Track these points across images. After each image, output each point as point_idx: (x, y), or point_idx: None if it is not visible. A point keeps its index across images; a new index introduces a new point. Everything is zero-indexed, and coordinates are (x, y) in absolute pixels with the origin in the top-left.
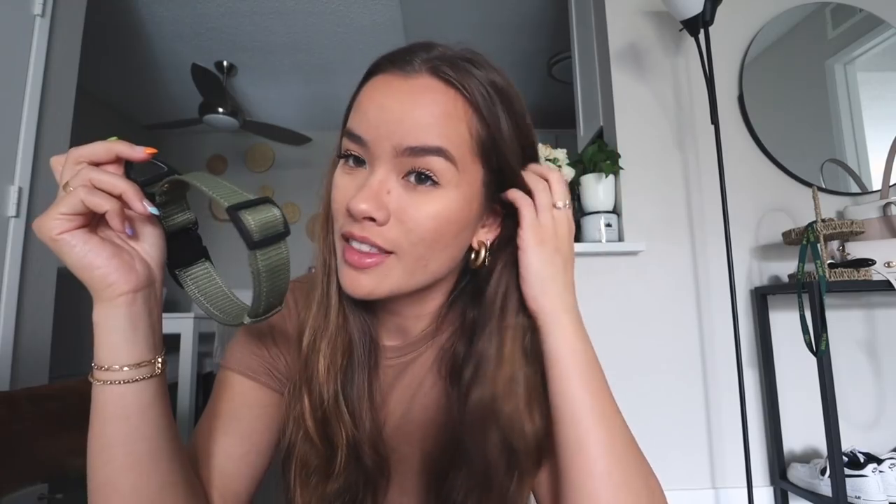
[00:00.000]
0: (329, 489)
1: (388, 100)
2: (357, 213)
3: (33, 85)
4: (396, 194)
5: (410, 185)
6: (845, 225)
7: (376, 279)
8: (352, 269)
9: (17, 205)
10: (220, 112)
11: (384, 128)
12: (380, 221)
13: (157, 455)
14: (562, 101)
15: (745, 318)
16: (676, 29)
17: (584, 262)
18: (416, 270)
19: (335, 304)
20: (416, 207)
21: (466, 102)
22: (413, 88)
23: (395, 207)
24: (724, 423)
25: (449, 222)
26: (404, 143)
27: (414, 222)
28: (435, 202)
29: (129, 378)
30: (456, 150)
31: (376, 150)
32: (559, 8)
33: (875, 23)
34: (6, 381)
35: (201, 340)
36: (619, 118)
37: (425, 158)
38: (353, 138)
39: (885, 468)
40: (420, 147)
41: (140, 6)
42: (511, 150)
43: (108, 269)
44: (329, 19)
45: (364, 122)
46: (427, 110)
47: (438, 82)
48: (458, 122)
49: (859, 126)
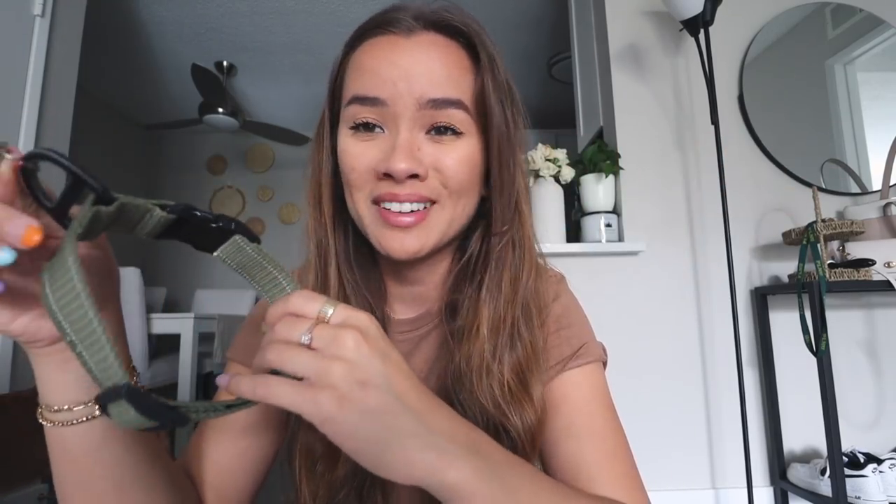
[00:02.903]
0: (336, 475)
1: (399, 57)
2: (401, 174)
3: (33, 85)
4: (427, 149)
5: (435, 139)
6: (845, 225)
7: (423, 235)
8: (396, 231)
9: None
10: (220, 112)
11: (404, 83)
12: (422, 176)
13: (122, 489)
14: (562, 101)
15: (744, 318)
16: (676, 29)
17: (584, 262)
18: (455, 217)
19: (334, 285)
20: (448, 156)
21: (469, 55)
22: (420, 44)
23: (430, 161)
24: (724, 423)
25: (475, 165)
26: (427, 96)
27: (451, 170)
28: (460, 149)
29: (68, 420)
30: (469, 101)
31: (397, 106)
32: (559, 8)
33: (875, 23)
34: (6, 381)
35: (201, 340)
36: (619, 118)
37: (447, 111)
38: (367, 101)
39: (885, 468)
40: (442, 99)
41: (140, 6)
42: (503, 95)
43: (15, 330)
44: (329, 19)
45: (378, 82)
46: (441, 63)
47: (440, 37)
48: (468, 74)
49: (859, 126)
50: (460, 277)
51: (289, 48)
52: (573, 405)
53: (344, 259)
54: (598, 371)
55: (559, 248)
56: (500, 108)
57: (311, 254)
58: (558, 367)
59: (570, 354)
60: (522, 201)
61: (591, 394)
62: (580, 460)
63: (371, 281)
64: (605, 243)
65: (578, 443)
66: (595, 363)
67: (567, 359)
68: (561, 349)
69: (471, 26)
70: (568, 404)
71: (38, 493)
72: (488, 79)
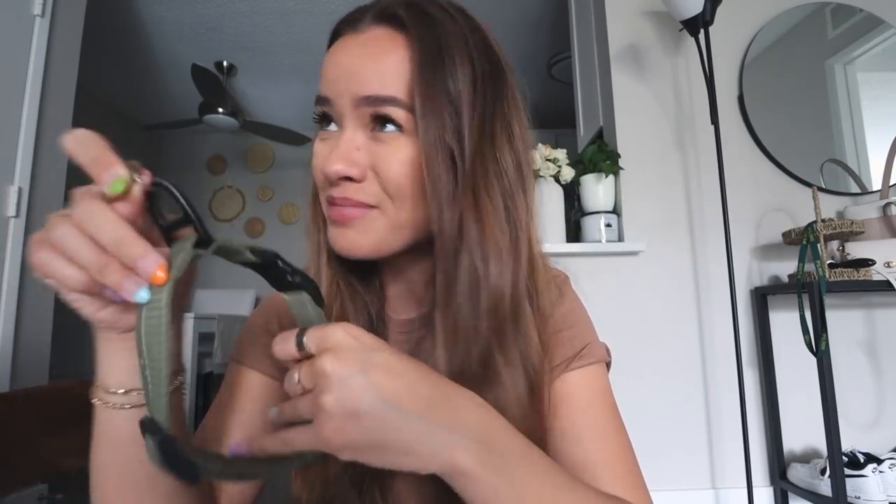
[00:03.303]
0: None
1: (343, 57)
2: (332, 175)
3: (33, 85)
4: (367, 149)
5: (378, 137)
6: (845, 225)
7: (360, 231)
8: (337, 227)
9: (16, 205)
10: (220, 112)
11: (342, 82)
12: (356, 178)
13: (155, 479)
14: (562, 101)
15: (744, 318)
16: (676, 29)
17: (585, 263)
18: (400, 224)
19: (328, 285)
20: (388, 157)
21: (414, 47)
22: (365, 41)
23: (368, 163)
24: (724, 423)
25: (419, 168)
26: (360, 93)
27: (390, 172)
28: (403, 149)
29: (121, 403)
30: (410, 98)
31: (339, 106)
32: (559, 8)
33: (875, 23)
34: (6, 381)
35: (201, 340)
36: (619, 118)
37: (384, 108)
38: (319, 100)
39: (885, 468)
40: (374, 96)
41: (140, 6)
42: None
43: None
44: (329, 19)
45: (325, 82)
46: (376, 58)
47: (385, 30)
48: (407, 68)
49: (859, 126)
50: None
51: (289, 48)
52: (576, 406)
53: (336, 259)
54: (601, 372)
55: (559, 248)
56: (433, 102)
57: (310, 253)
58: (561, 368)
59: (573, 355)
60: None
61: (593, 394)
62: (584, 460)
63: (370, 281)
64: (605, 243)
65: (581, 443)
66: (598, 364)
67: (570, 359)
68: (564, 350)
69: (413, 9)
70: (571, 405)
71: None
72: (416, 61)
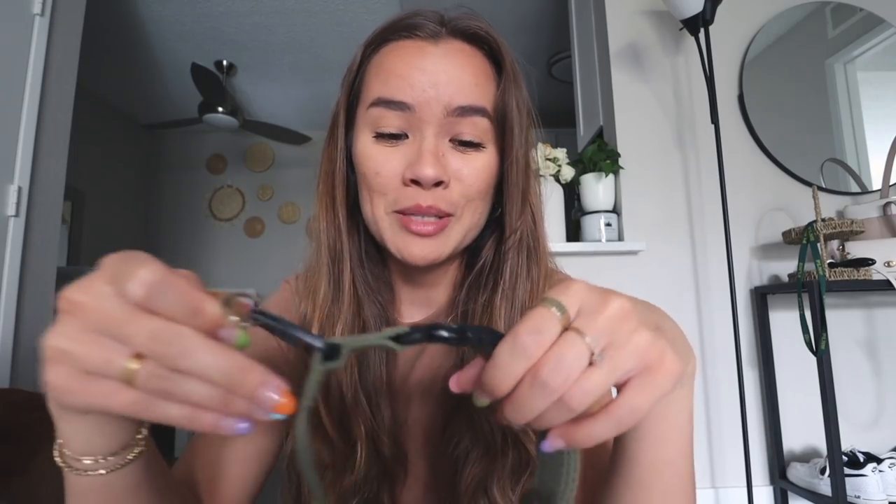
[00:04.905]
0: (346, 484)
1: (428, 63)
2: (428, 180)
3: (33, 85)
4: (450, 157)
5: (458, 149)
6: (845, 224)
7: (441, 243)
8: (416, 238)
9: (16, 204)
10: (220, 111)
11: (433, 90)
12: (446, 184)
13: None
14: (562, 101)
15: (744, 317)
16: (676, 28)
17: (584, 262)
18: (471, 227)
19: (348, 289)
20: (469, 166)
21: (491, 64)
22: (448, 52)
23: (452, 169)
24: (724, 423)
25: (491, 175)
26: (454, 103)
27: (470, 179)
28: (480, 158)
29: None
30: (492, 110)
31: (424, 113)
32: (559, 7)
33: (875, 22)
34: (6, 381)
35: None
36: (619, 118)
37: (472, 118)
38: (393, 105)
39: (885, 468)
40: (469, 106)
41: (140, 5)
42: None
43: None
44: (329, 19)
45: (405, 87)
46: (468, 71)
47: (464, 45)
48: (491, 83)
49: (859, 126)
50: (473, 287)
51: (289, 48)
52: None
53: (357, 262)
54: None
55: (559, 247)
56: (519, 119)
57: (323, 257)
58: None
59: None
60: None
61: None
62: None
63: (382, 284)
64: (605, 243)
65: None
66: None
67: None
68: None
69: (495, 36)
70: None
71: None
72: (511, 88)
